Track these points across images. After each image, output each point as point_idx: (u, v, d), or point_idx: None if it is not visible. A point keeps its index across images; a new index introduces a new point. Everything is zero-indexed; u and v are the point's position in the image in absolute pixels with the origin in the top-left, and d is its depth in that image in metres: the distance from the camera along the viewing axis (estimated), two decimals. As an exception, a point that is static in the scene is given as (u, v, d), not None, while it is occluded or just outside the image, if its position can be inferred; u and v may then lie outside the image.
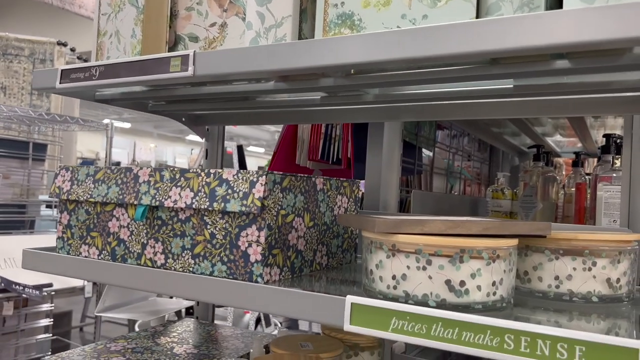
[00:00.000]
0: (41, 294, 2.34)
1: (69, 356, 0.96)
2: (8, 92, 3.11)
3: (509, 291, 0.64)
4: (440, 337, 0.58)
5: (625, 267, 0.71)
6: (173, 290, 0.77)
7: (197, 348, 1.05)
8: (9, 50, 3.15)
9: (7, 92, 3.11)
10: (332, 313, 0.65)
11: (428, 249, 0.62)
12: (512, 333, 0.55)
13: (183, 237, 0.81)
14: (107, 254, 0.88)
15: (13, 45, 3.14)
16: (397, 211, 1.22)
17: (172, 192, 0.80)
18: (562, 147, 2.06)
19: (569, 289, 0.70)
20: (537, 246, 0.72)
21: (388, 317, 0.61)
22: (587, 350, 0.51)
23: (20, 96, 3.16)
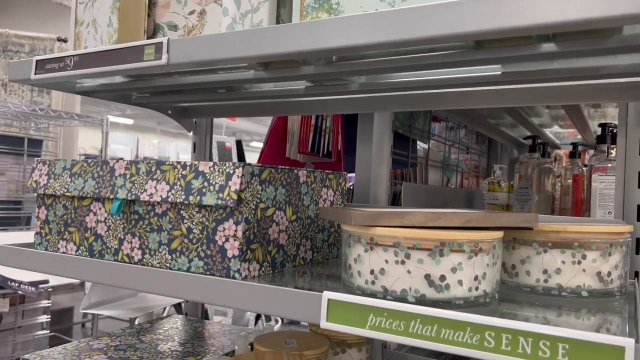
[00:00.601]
0: (37, 291, 2.33)
1: (49, 354, 0.93)
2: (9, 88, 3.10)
3: (493, 286, 0.62)
4: (419, 334, 0.55)
5: (616, 260, 0.68)
6: (148, 287, 0.74)
7: (182, 345, 1.03)
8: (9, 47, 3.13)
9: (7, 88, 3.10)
10: (308, 310, 0.63)
11: (407, 242, 0.59)
12: (493, 330, 0.52)
13: (160, 232, 0.78)
14: (84, 250, 0.86)
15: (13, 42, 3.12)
16: (388, 204, 1.19)
17: (148, 185, 0.78)
18: (561, 139, 2.03)
19: (557, 283, 0.67)
20: (524, 239, 0.69)
21: (365, 314, 0.58)
22: (571, 348, 0.48)
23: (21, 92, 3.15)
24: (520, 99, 0.87)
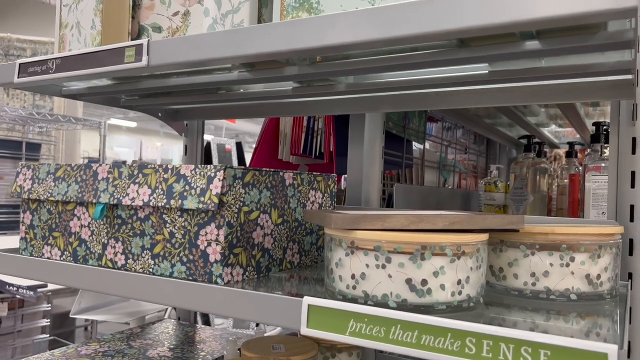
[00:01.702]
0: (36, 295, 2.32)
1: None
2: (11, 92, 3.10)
3: (477, 290, 0.60)
4: (400, 340, 0.54)
5: (606, 262, 0.66)
6: (129, 292, 0.73)
7: (171, 351, 1.02)
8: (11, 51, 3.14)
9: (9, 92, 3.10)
10: (288, 315, 0.61)
11: (387, 246, 0.57)
12: (474, 336, 0.50)
13: (142, 237, 0.77)
14: (68, 255, 0.85)
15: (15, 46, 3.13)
16: (382, 206, 1.18)
17: (130, 189, 0.77)
18: (560, 138, 2.00)
19: (546, 287, 0.66)
20: (511, 241, 0.68)
21: (346, 320, 0.57)
22: (553, 354, 0.47)
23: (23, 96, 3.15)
24: (509, 98, 0.85)
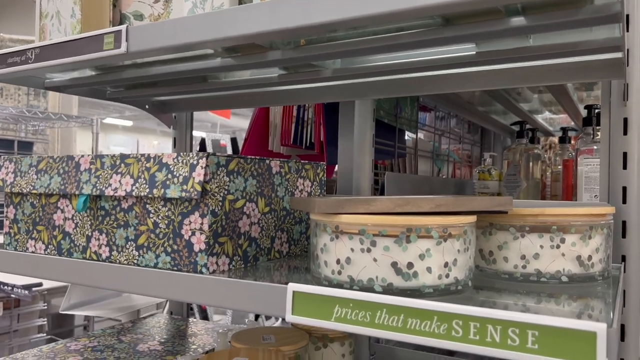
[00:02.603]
0: (31, 294, 2.31)
1: (23, 357, 0.91)
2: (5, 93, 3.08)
3: (466, 273, 0.59)
4: (385, 325, 0.53)
5: (597, 244, 0.65)
6: (114, 284, 0.72)
7: (162, 345, 1.00)
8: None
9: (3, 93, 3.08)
10: (274, 303, 0.60)
11: (372, 229, 0.56)
12: (460, 319, 0.49)
13: (126, 228, 0.76)
14: (53, 249, 0.83)
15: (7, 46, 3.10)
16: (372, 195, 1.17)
17: (113, 179, 0.75)
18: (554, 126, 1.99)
19: (536, 269, 0.65)
20: (501, 224, 0.67)
21: (331, 305, 0.56)
22: (541, 334, 0.45)
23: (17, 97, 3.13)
24: (498, 81, 0.84)
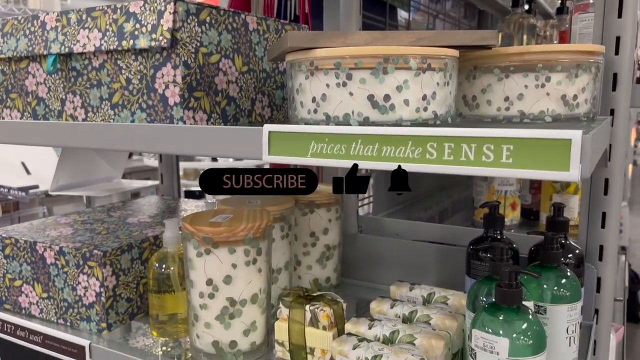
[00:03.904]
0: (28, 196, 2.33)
1: (14, 229, 0.92)
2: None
3: (446, 109, 0.57)
4: (360, 155, 0.52)
5: (584, 83, 0.63)
6: (91, 142, 0.71)
7: (151, 218, 1.02)
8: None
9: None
10: (250, 146, 0.59)
11: (347, 62, 0.54)
12: (435, 141, 0.48)
13: (100, 87, 0.73)
14: (28, 115, 0.81)
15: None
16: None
17: (80, 35, 0.72)
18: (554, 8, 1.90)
19: (520, 110, 0.63)
20: (485, 66, 0.64)
21: (306, 142, 0.55)
22: (516, 148, 0.45)
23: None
24: None
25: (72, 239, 0.86)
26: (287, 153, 0.56)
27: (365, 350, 0.61)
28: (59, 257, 0.83)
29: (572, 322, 0.69)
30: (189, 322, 0.75)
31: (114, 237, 0.88)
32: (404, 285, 0.80)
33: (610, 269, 0.82)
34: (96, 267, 0.80)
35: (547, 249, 0.70)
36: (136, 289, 0.87)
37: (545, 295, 0.69)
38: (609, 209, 0.81)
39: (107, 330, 0.82)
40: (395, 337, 0.65)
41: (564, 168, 0.43)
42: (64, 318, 0.85)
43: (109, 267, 0.81)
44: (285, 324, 0.73)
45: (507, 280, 0.57)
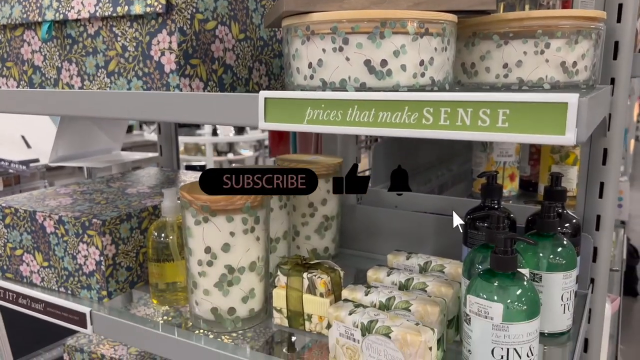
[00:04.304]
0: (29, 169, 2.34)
1: (13, 199, 0.93)
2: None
3: (443, 75, 0.57)
4: (357, 121, 0.51)
5: (583, 49, 0.62)
6: (88, 110, 0.70)
7: (150, 189, 1.02)
8: None
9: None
10: (246, 113, 0.58)
11: (344, 26, 0.53)
12: (431, 106, 0.48)
13: (95, 55, 0.72)
14: (25, 84, 0.81)
15: None
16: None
17: (75, 1, 0.71)
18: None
19: (518, 77, 0.62)
20: (484, 32, 0.63)
21: (303, 109, 0.54)
22: (512, 112, 0.44)
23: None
24: None
25: (71, 208, 0.87)
26: (284, 120, 0.56)
27: (361, 316, 0.61)
28: (58, 226, 0.84)
29: (567, 290, 0.70)
30: (188, 289, 0.76)
31: (113, 206, 0.88)
32: (401, 254, 0.80)
33: (606, 239, 0.82)
34: (95, 236, 0.81)
35: (543, 217, 0.71)
36: (136, 258, 0.88)
37: (541, 264, 0.70)
38: (607, 179, 0.80)
39: (107, 298, 0.83)
40: (391, 303, 0.65)
41: (559, 132, 0.42)
42: (65, 286, 0.87)
43: (108, 236, 0.82)
44: (283, 292, 0.74)
45: (503, 247, 0.58)
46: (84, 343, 1.08)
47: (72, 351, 1.08)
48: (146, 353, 1.02)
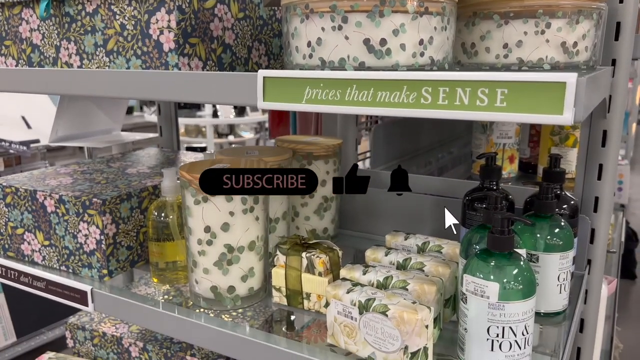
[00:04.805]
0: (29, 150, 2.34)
1: (14, 178, 0.93)
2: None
3: (443, 55, 0.56)
4: (355, 101, 0.51)
5: (584, 30, 0.62)
6: (88, 89, 0.70)
7: (150, 169, 1.02)
8: None
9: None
10: (246, 92, 0.58)
11: (343, 4, 0.53)
12: (430, 85, 0.48)
13: (94, 33, 0.72)
14: (23, 63, 0.81)
15: None
16: None
17: (73, -21, 0.70)
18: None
19: (518, 57, 0.62)
20: (485, 12, 0.63)
21: (301, 88, 0.54)
22: (510, 92, 0.44)
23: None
24: None
25: (71, 187, 0.87)
26: (282, 99, 0.56)
27: (359, 294, 0.62)
28: (59, 205, 0.84)
29: (563, 271, 0.71)
30: (188, 268, 0.77)
31: (113, 186, 0.88)
32: (399, 235, 0.81)
33: (604, 221, 0.82)
34: (96, 215, 0.81)
35: (541, 198, 0.71)
36: (136, 237, 0.88)
37: (538, 244, 0.70)
38: (605, 161, 0.81)
39: (108, 276, 0.84)
40: (389, 282, 0.66)
41: (557, 111, 0.43)
42: (66, 265, 0.87)
43: (109, 215, 0.82)
44: (282, 271, 0.75)
45: (499, 227, 0.58)
46: (86, 321, 1.10)
47: (74, 329, 1.09)
48: (147, 331, 1.04)
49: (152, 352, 0.99)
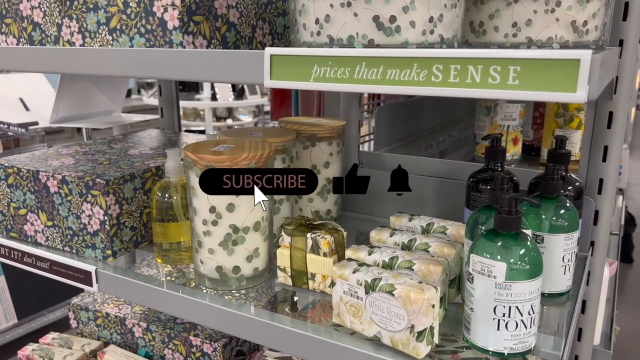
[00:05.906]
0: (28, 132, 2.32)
1: (16, 159, 0.92)
2: None
3: (453, 33, 0.56)
4: (364, 79, 0.51)
5: (595, 8, 0.61)
6: (93, 68, 0.69)
7: (153, 150, 1.02)
8: None
9: None
10: (252, 70, 0.58)
11: (352, -19, 0.52)
12: (441, 62, 0.47)
13: (96, 11, 0.71)
14: (24, 42, 0.80)
15: None
16: None
17: (74, -45, 0.69)
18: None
19: (527, 37, 0.61)
20: (494, -11, 0.62)
21: (309, 66, 0.54)
22: (522, 69, 0.44)
23: None
24: None
25: (74, 168, 0.87)
26: (290, 77, 0.55)
27: (365, 274, 0.62)
28: (62, 185, 0.84)
29: (568, 252, 0.71)
30: (193, 248, 0.77)
31: (116, 167, 0.88)
32: (403, 216, 0.81)
33: (608, 203, 0.82)
34: (99, 195, 0.81)
35: (547, 179, 0.71)
36: (140, 218, 0.88)
37: (543, 225, 0.70)
38: (611, 143, 0.80)
39: (112, 257, 0.84)
40: (394, 262, 0.66)
41: (571, 89, 0.42)
42: (70, 246, 0.87)
43: (112, 195, 0.82)
44: (287, 251, 0.75)
45: (507, 207, 0.58)
46: (89, 302, 1.10)
47: (77, 310, 1.10)
48: (150, 311, 1.04)
49: (156, 333, 1.00)
